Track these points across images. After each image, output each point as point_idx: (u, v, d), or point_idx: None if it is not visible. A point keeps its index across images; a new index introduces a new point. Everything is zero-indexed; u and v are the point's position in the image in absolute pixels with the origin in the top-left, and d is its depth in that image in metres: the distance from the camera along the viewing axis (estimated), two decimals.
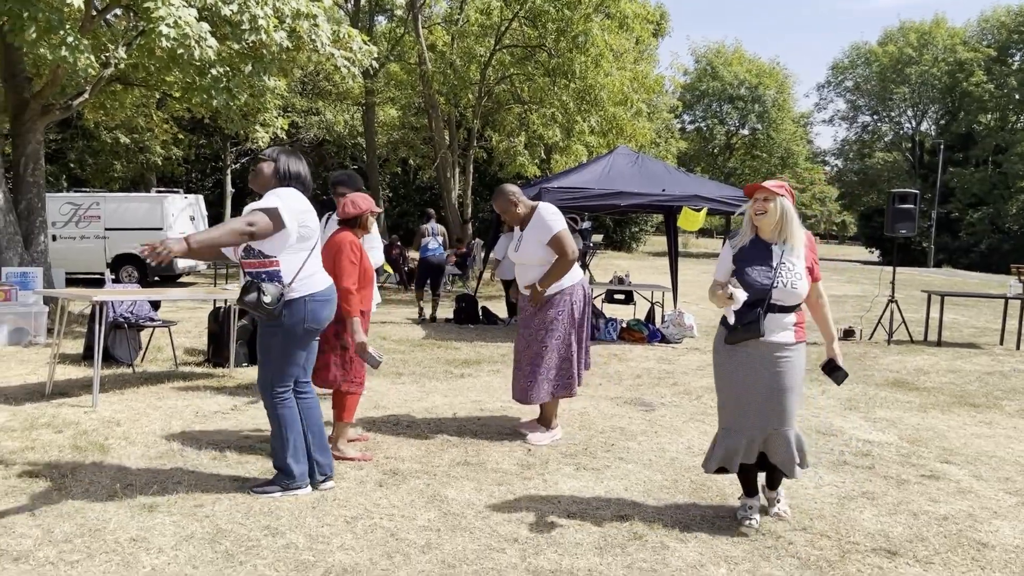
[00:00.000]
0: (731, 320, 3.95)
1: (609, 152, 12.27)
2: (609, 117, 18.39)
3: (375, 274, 5.33)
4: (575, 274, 5.46)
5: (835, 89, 53.77)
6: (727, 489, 4.58)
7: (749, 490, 4.16)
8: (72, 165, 28.52)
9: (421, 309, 12.55)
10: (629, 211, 15.41)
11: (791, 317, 3.92)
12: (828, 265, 35.37)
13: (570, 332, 5.42)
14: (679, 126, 50.77)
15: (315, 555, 3.56)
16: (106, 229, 17.16)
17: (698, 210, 10.77)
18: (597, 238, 22.48)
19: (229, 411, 6.09)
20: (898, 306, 11.39)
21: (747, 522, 4.05)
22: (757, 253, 3.95)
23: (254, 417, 5.92)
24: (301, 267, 4.19)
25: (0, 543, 3.57)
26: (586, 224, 19.77)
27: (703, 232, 65.05)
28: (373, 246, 5.73)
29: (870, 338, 11.28)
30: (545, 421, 5.62)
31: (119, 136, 23.19)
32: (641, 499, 4.39)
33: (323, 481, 4.42)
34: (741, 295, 3.77)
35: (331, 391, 5.05)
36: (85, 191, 19.07)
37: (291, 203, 4.13)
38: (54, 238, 16.97)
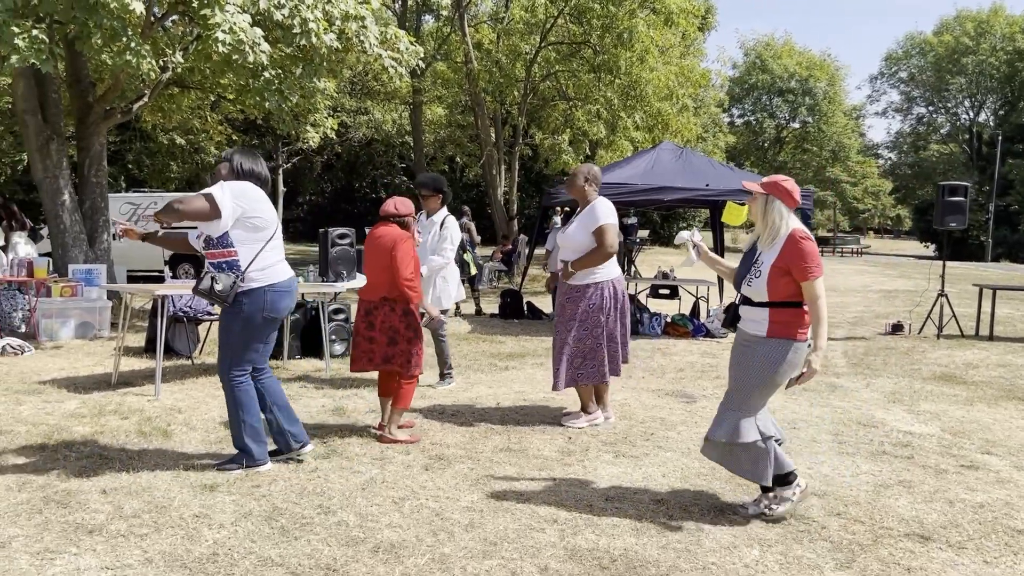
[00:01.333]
0: None
1: (653, 147, 12.33)
2: (654, 112, 18.39)
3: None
4: (610, 270, 5.61)
5: (889, 80, 52.73)
6: None
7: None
8: (131, 166, 29.44)
9: (458, 307, 12.76)
10: (673, 206, 15.42)
11: (764, 312, 3.95)
12: (880, 260, 34.80)
13: (599, 323, 5.58)
14: (727, 120, 50.27)
15: (365, 532, 3.76)
16: (164, 228, 17.70)
17: (742, 204, 10.75)
18: (643, 234, 22.46)
19: None
20: (948, 300, 11.26)
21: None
22: (751, 249, 4.19)
23: (306, 405, 6.17)
24: (254, 258, 4.43)
25: (76, 517, 3.85)
26: (632, 220, 19.82)
27: (752, 227, 64.33)
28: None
29: (919, 332, 11.17)
30: (582, 407, 5.77)
31: (175, 137, 23.90)
32: (679, 485, 4.52)
33: (300, 447, 4.70)
34: (693, 257, 4.43)
35: (379, 377, 5.38)
36: (143, 191, 19.70)
37: (238, 193, 4.36)
38: (115, 237, 17.58)
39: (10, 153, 21.14)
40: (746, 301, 4.08)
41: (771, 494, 4.08)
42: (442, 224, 6.90)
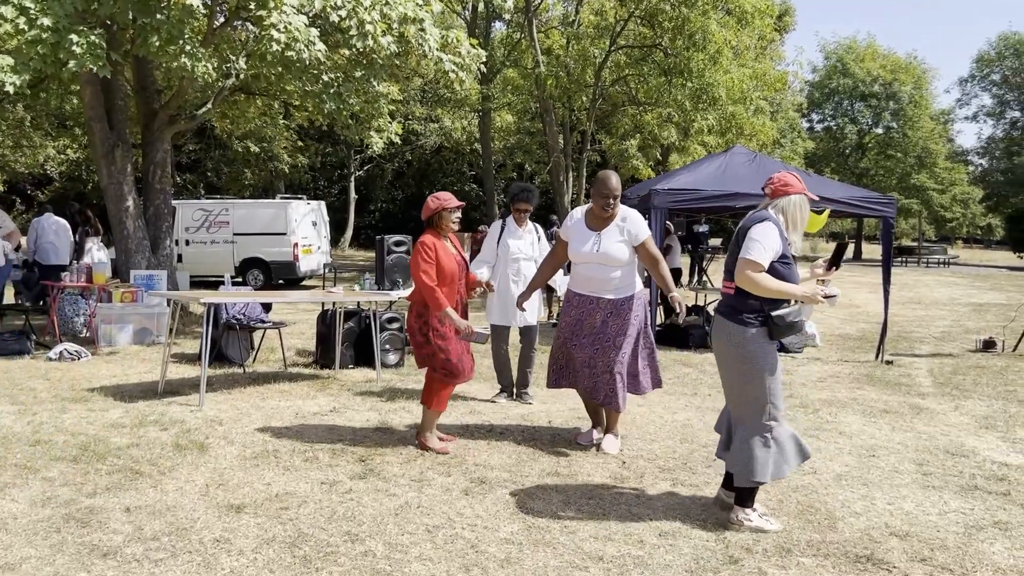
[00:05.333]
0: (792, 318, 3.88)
1: (724, 151, 11.80)
2: (728, 116, 17.78)
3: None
4: (638, 284, 5.27)
5: (980, 83, 50.26)
6: (837, 512, 4.22)
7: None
8: (209, 174, 30.15)
9: (550, 312, 12.77)
10: (746, 213, 14.83)
11: None
12: (970, 271, 33.20)
13: (648, 334, 5.29)
14: (807, 126, 48.77)
15: (391, 564, 3.47)
16: (234, 234, 17.94)
17: (820, 211, 10.18)
18: (715, 242, 21.80)
19: (328, 413, 6.14)
20: None
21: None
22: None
23: (351, 419, 5.93)
24: None
25: (93, 538, 3.66)
26: (703, 227, 19.22)
27: (833, 236, 62.29)
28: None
29: (1014, 350, 10.36)
30: (610, 427, 5.36)
31: (249, 145, 24.31)
32: None
33: None
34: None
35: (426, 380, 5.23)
36: (216, 198, 20.03)
37: None
38: (187, 243, 17.91)
39: (96, 161, 21.81)
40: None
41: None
42: (538, 231, 6.79)
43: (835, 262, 4.22)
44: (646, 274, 5.91)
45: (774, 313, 3.84)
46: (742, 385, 3.91)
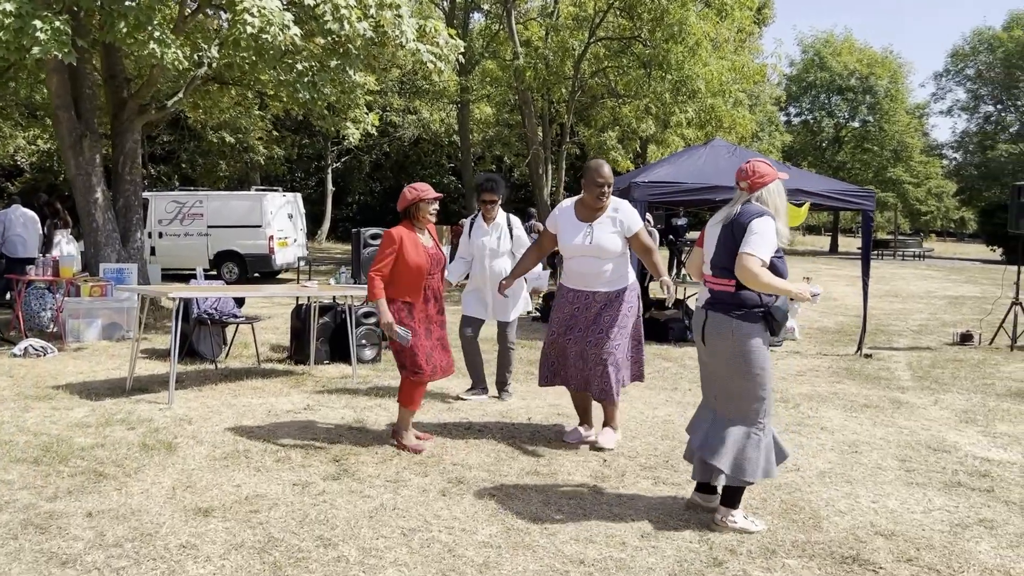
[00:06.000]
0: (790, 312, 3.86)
1: (704, 144, 11.73)
2: (707, 108, 17.72)
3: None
4: (632, 276, 5.19)
5: (954, 78, 50.68)
6: (821, 511, 4.14)
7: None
8: (184, 165, 29.70)
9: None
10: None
11: None
12: (944, 264, 33.50)
13: (638, 324, 5.21)
14: (784, 119, 48.93)
15: (365, 570, 3.35)
16: (208, 226, 17.65)
17: (799, 205, 10.13)
18: (693, 235, 21.77)
19: (302, 411, 5.99)
20: (1023, 308, 10.45)
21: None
22: None
23: (325, 418, 5.79)
24: None
25: (52, 545, 3.50)
26: (682, 220, 19.18)
27: (810, 229, 62.66)
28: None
29: (990, 343, 10.39)
30: (609, 421, 5.26)
31: (224, 136, 23.94)
32: None
33: None
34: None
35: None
36: (190, 190, 19.71)
37: None
38: (160, 235, 17.60)
39: (63, 152, 21.39)
40: None
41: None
42: (511, 223, 6.53)
43: None
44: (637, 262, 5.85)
45: (774, 306, 3.79)
46: (741, 382, 3.81)
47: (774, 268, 3.78)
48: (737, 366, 3.80)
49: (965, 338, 10.53)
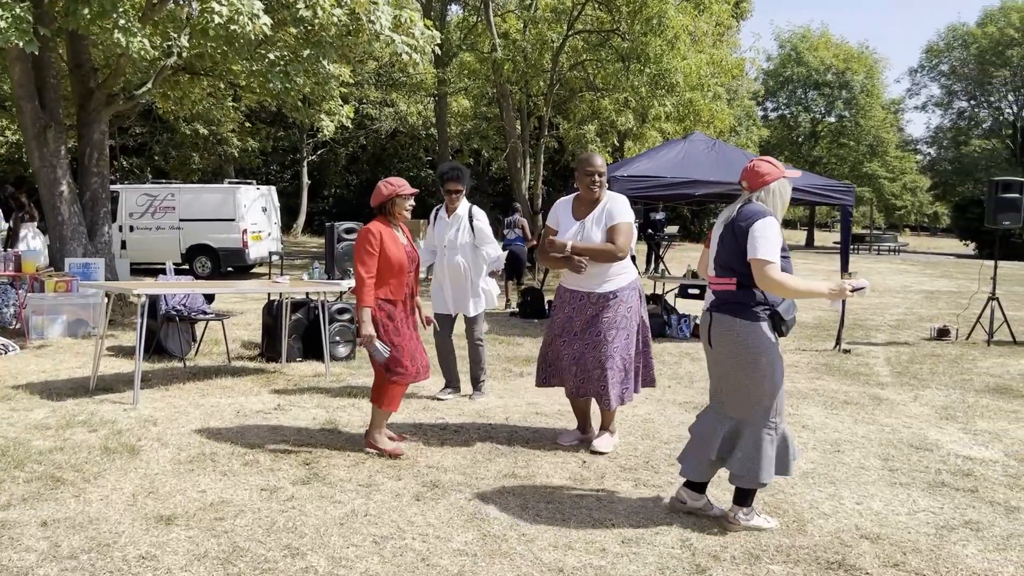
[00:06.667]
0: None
1: (683, 138, 11.63)
2: (685, 102, 17.62)
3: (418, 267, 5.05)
4: (631, 275, 4.99)
5: (929, 74, 51.14)
6: (805, 513, 4.04)
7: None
8: (156, 157, 29.20)
9: (508, 301, 12.83)
10: (705, 200, 14.72)
11: None
12: (920, 259, 33.76)
13: (636, 330, 4.99)
14: (762, 114, 49.10)
15: None
16: (180, 220, 17.34)
17: None
18: (672, 229, 21.72)
19: (272, 411, 5.81)
20: (999, 304, 10.47)
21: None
22: None
23: (296, 417, 5.62)
24: None
25: (3, 557, 3.32)
26: (660, 215, 19.10)
27: (787, 223, 62.96)
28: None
29: (967, 338, 10.39)
30: (606, 425, 5.14)
31: (198, 128, 23.53)
32: (707, 523, 3.88)
33: None
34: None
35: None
36: (161, 182, 19.37)
37: None
38: (131, 228, 17.27)
39: (27, 143, 20.89)
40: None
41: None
42: (472, 215, 6.25)
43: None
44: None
45: (781, 307, 3.71)
46: (754, 383, 3.70)
47: (781, 268, 3.68)
48: (745, 366, 3.70)
49: (942, 333, 10.54)
